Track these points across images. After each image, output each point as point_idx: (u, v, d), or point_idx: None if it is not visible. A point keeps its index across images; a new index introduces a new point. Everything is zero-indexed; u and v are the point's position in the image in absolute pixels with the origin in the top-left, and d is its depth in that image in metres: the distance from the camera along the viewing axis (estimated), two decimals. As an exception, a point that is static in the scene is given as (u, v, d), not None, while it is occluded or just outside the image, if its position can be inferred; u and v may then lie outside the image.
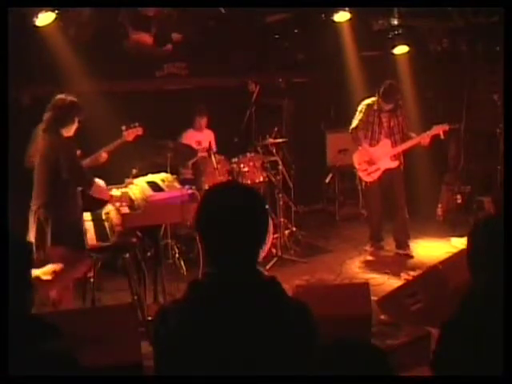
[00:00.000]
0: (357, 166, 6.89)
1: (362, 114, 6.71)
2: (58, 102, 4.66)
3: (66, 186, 4.60)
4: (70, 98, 4.74)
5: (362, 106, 6.75)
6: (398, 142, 6.73)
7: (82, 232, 4.73)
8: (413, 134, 6.78)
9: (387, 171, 6.74)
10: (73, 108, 4.68)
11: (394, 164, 6.75)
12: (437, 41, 7.76)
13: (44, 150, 4.61)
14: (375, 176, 6.76)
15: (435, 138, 6.69)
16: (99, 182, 4.79)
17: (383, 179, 6.77)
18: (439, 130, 6.64)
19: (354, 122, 6.74)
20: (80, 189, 4.75)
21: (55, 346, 1.90)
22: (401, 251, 6.90)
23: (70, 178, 4.61)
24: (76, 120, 4.70)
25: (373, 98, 6.71)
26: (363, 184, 7.03)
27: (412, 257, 6.82)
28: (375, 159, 6.71)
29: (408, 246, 6.91)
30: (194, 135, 7.22)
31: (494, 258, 2.41)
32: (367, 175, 6.80)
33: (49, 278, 4.27)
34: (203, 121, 7.25)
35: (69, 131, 4.68)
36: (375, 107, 6.65)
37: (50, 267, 4.18)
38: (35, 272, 4.30)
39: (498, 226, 2.50)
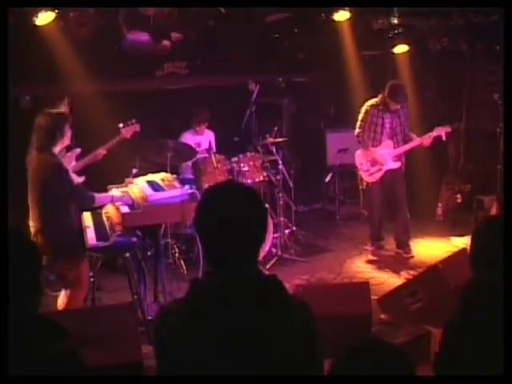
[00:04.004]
0: (358, 166, 6.88)
1: (366, 116, 6.69)
2: (46, 120, 4.56)
3: (60, 205, 4.56)
4: (55, 111, 4.69)
5: (365, 108, 6.73)
6: (399, 142, 6.73)
7: (81, 234, 4.72)
8: (413, 135, 6.78)
9: (389, 172, 6.73)
10: (60, 122, 4.59)
11: (396, 165, 6.74)
12: (437, 40, 7.74)
13: (37, 171, 4.54)
14: (377, 176, 6.75)
15: (437, 139, 6.70)
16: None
17: (385, 180, 6.77)
18: (441, 131, 6.65)
19: (360, 126, 6.73)
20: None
21: (63, 345, 1.91)
22: (401, 251, 6.90)
23: (71, 202, 4.61)
24: (67, 130, 4.62)
25: (376, 99, 6.70)
26: (364, 184, 7.02)
27: (412, 256, 6.81)
28: (377, 160, 6.70)
29: (409, 245, 6.91)
30: (193, 137, 7.20)
31: (497, 257, 2.41)
32: (369, 175, 6.79)
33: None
34: (203, 127, 7.23)
35: (63, 143, 4.65)
36: (379, 108, 6.64)
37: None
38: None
39: (502, 225, 2.51)
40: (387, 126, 6.69)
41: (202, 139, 7.21)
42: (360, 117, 6.75)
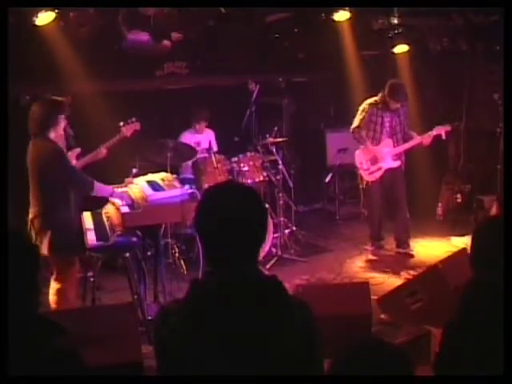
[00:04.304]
0: (358, 165, 6.88)
1: (364, 113, 6.70)
2: (39, 106, 4.58)
3: (59, 192, 4.56)
4: (50, 99, 4.69)
5: (364, 106, 6.73)
6: (399, 141, 6.73)
7: (80, 234, 4.72)
8: (413, 133, 6.79)
9: (389, 171, 6.73)
10: (53, 109, 4.60)
11: (396, 163, 6.74)
12: (437, 40, 7.75)
13: (36, 157, 4.55)
14: (377, 175, 6.75)
15: (437, 138, 6.70)
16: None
17: (385, 179, 6.77)
18: (441, 130, 6.66)
19: (356, 121, 6.72)
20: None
21: (62, 344, 1.91)
22: (401, 250, 6.90)
23: (71, 187, 4.60)
24: (60, 119, 4.62)
25: (375, 98, 6.70)
26: (364, 183, 7.02)
27: (412, 256, 6.82)
28: (377, 159, 6.70)
29: (409, 245, 6.91)
30: (193, 137, 7.20)
31: (497, 257, 2.41)
32: (369, 174, 6.79)
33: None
34: (202, 125, 7.23)
35: (57, 131, 4.64)
36: (379, 107, 6.64)
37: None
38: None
39: (502, 225, 2.51)
40: (387, 124, 6.69)
41: (201, 138, 7.21)
42: (358, 113, 6.74)
